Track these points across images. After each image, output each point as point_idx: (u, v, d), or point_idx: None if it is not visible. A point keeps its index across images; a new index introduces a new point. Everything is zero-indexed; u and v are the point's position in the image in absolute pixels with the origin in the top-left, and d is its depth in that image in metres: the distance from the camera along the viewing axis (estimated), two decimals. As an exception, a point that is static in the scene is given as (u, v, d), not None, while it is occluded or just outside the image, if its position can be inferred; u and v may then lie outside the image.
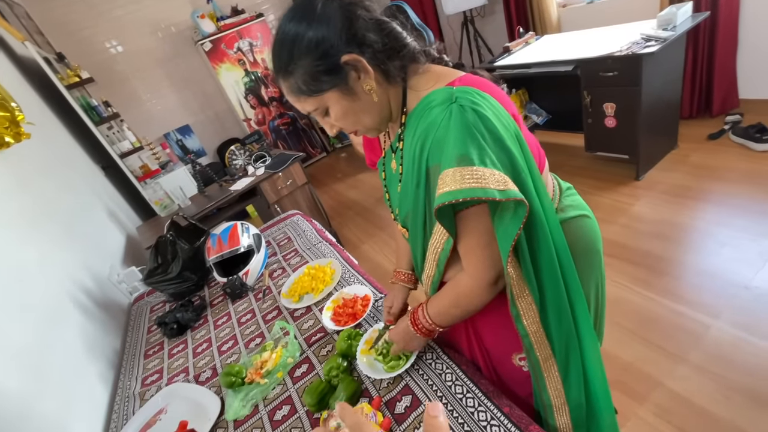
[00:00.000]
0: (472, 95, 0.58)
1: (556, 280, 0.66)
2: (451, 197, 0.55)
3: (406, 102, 0.67)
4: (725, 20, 2.29)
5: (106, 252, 1.97)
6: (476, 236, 0.63)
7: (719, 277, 1.57)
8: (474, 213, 0.61)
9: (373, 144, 0.87)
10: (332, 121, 0.66)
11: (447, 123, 0.57)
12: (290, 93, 0.64)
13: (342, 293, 1.19)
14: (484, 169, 0.55)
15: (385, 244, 2.65)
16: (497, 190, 0.55)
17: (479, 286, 0.67)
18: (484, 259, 0.64)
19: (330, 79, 0.60)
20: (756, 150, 2.14)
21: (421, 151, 0.62)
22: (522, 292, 0.66)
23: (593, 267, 0.78)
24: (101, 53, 3.80)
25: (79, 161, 2.40)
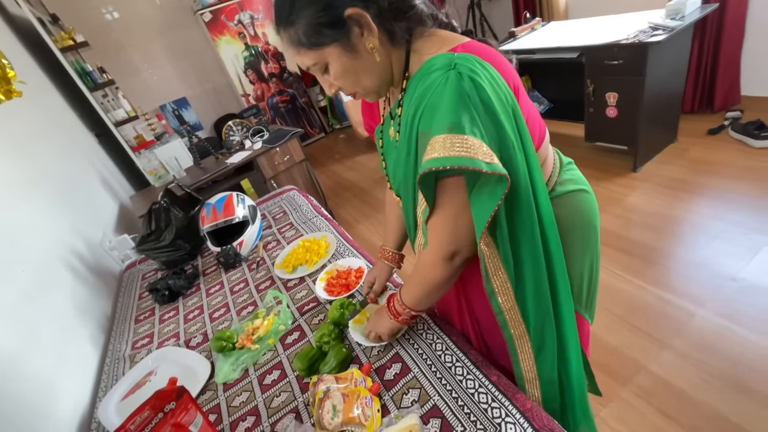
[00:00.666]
0: (472, 63, 0.57)
1: (537, 257, 0.66)
2: (438, 163, 0.55)
3: (408, 66, 0.65)
4: (733, 14, 2.27)
5: (99, 219, 1.95)
6: (446, 207, 0.63)
7: (708, 269, 1.59)
8: (451, 183, 0.61)
9: (372, 110, 0.86)
10: (331, 79, 0.64)
11: (442, 90, 0.56)
12: (290, 45, 0.62)
13: (336, 265, 1.19)
14: (474, 139, 0.55)
15: (380, 224, 2.65)
16: (484, 162, 0.54)
17: (434, 260, 0.67)
18: (446, 232, 0.65)
19: (332, 33, 0.58)
20: (754, 146, 2.14)
21: (413, 115, 0.61)
22: (497, 269, 0.66)
23: (589, 242, 0.78)
24: (96, 18, 3.69)
25: (72, 126, 2.36)
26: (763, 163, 2.03)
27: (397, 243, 0.98)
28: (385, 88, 0.69)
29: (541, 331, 0.72)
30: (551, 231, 0.67)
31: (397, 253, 0.98)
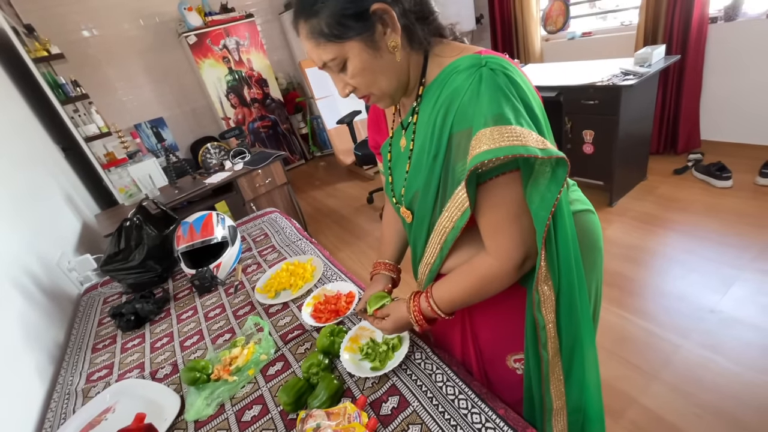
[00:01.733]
0: (502, 61, 0.57)
1: (570, 270, 0.63)
2: (491, 155, 0.52)
3: (425, 73, 0.65)
4: (692, 66, 2.49)
5: (59, 237, 1.79)
6: (506, 207, 0.59)
7: (687, 300, 1.63)
8: (505, 181, 0.58)
9: (379, 124, 0.83)
10: (348, 77, 0.62)
11: (477, 87, 0.55)
12: (310, 36, 0.59)
13: (324, 290, 1.12)
14: (522, 129, 0.53)
15: (362, 253, 2.59)
16: (538, 148, 0.52)
17: (507, 269, 0.61)
18: (514, 234, 0.60)
19: (356, 26, 0.56)
20: (716, 186, 2.29)
21: (444, 118, 0.59)
22: (547, 276, 0.62)
23: (595, 265, 0.77)
24: (74, 33, 3.60)
25: (37, 139, 2.21)
26: (726, 202, 2.16)
27: (395, 256, 0.91)
28: (399, 94, 0.66)
29: (571, 352, 0.68)
30: (575, 245, 0.65)
31: (395, 265, 0.91)
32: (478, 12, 3.62)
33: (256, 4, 4.40)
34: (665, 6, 2.44)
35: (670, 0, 2.41)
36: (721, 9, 2.38)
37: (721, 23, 2.38)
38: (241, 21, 3.99)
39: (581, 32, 3.09)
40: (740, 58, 2.37)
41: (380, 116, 0.83)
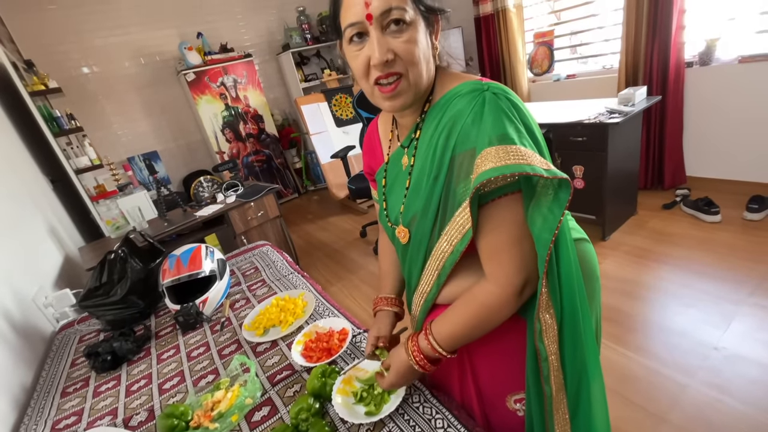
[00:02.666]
0: (503, 87, 0.59)
1: (573, 298, 0.61)
2: (497, 173, 0.51)
3: (432, 91, 0.66)
4: (672, 106, 2.60)
5: (37, 271, 1.71)
6: (507, 230, 0.58)
7: (689, 337, 1.59)
8: (507, 202, 0.57)
9: (374, 149, 0.83)
10: (401, 40, 0.57)
11: (480, 109, 0.56)
12: None
13: (315, 326, 1.07)
14: (526, 149, 0.53)
15: (355, 287, 2.52)
16: (542, 168, 0.52)
17: (507, 295, 0.59)
18: (513, 259, 0.58)
19: (425, 9, 0.60)
20: (706, 221, 2.32)
21: (447, 140, 0.59)
22: (548, 303, 0.59)
23: (594, 295, 0.74)
24: (74, 70, 3.67)
25: (25, 169, 2.18)
26: (716, 236, 2.18)
27: (396, 289, 0.87)
28: (417, 97, 0.63)
29: (577, 387, 0.64)
30: (577, 272, 0.62)
31: (397, 298, 0.87)
32: (468, 55, 3.80)
33: (255, 45, 4.57)
34: (643, 51, 2.59)
35: (648, 46, 2.56)
36: (695, 54, 2.53)
37: (696, 67, 2.52)
38: (239, 60, 4.12)
39: (566, 74, 3.24)
40: (717, 100, 2.49)
41: (375, 142, 0.83)
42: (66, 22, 3.55)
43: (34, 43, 3.42)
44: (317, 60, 4.88)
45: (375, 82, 0.60)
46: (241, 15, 4.42)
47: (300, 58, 4.72)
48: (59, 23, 3.53)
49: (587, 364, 0.64)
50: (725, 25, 2.42)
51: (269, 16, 4.58)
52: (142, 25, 3.89)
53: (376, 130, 0.83)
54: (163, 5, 3.95)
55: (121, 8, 3.77)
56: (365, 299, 2.36)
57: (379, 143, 0.81)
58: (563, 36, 3.28)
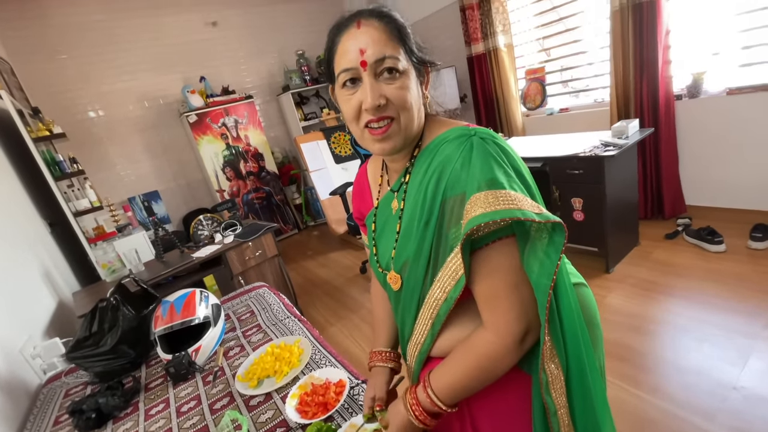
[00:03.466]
0: (490, 131, 0.59)
1: (578, 346, 0.57)
2: (487, 218, 0.51)
3: (422, 137, 0.67)
4: (666, 138, 2.64)
5: (28, 319, 1.66)
6: (503, 275, 0.56)
7: (705, 376, 1.51)
8: (501, 246, 0.56)
9: (364, 193, 0.82)
10: (393, 87, 0.58)
11: (468, 154, 0.57)
12: (385, 30, 0.59)
13: (311, 377, 1.02)
14: (516, 193, 0.53)
15: (355, 327, 2.45)
16: (534, 212, 0.51)
17: (507, 344, 0.56)
18: (514, 304, 0.55)
19: (417, 59, 0.62)
20: (710, 251, 2.28)
21: (437, 184, 0.59)
22: (552, 353, 0.56)
23: (596, 342, 0.71)
24: (80, 114, 3.78)
25: (23, 214, 2.18)
26: (723, 266, 2.13)
27: (392, 341, 0.84)
28: (407, 142, 0.64)
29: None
30: (579, 318, 0.60)
31: (393, 352, 0.83)
32: (462, 92, 3.92)
33: (256, 86, 4.74)
34: (632, 85, 2.66)
35: (636, 80, 2.63)
36: (683, 88, 2.59)
37: (686, 100, 2.58)
38: (240, 102, 4.25)
39: (559, 108, 3.32)
40: (710, 131, 2.53)
41: (365, 187, 0.82)
42: (75, 69, 3.70)
43: (43, 91, 3.55)
44: (316, 99, 5.03)
45: (366, 125, 0.61)
46: (244, 59, 4.60)
47: (300, 98, 4.87)
48: (69, 71, 3.68)
49: (599, 417, 0.60)
50: (710, 59, 2.50)
51: (270, 59, 4.77)
52: (148, 71, 4.05)
53: (365, 174, 0.83)
54: (169, 52, 4.13)
55: (130, 55, 3.94)
56: (365, 340, 2.28)
57: (368, 187, 0.81)
58: (554, 72, 3.39)
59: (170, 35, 4.12)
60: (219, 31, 4.38)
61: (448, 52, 4.03)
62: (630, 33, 2.55)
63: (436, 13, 3.98)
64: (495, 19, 3.30)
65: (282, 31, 4.77)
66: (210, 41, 4.35)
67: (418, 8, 4.14)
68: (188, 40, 4.22)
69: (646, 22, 2.46)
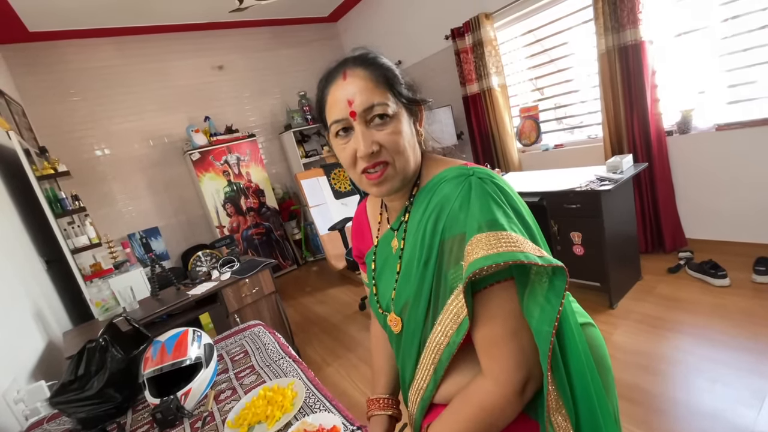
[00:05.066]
0: (488, 171, 0.59)
1: (589, 394, 0.54)
2: (490, 261, 0.49)
3: (420, 176, 0.67)
4: (660, 172, 2.67)
5: (14, 361, 1.61)
6: (502, 320, 0.54)
7: (721, 419, 1.43)
8: (500, 290, 0.54)
9: (363, 232, 0.81)
10: (385, 132, 0.59)
11: (467, 194, 0.56)
12: (370, 79, 0.59)
13: (304, 423, 0.96)
14: (516, 235, 0.52)
15: (353, 368, 2.36)
16: (536, 255, 0.50)
17: (506, 394, 0.53)
18: (514, 352, 0.53)
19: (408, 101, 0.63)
20: (714, 285, 2.24)
21: (435, 225, 0.58)
22: (559, 403, 0.53)
23: (608, 386, 0.67)
24: (87, 153, 3.87)
25: (20, 251, 2.17)
26: (728, 301, 2.09)
27: (391, 387, 0.80)
28: (405, 183, 0.65)
29: None
30: (590, 364, 0.57)
31: (392, 398, 0.79)
32: (459, 129, 4.03)
33: (259, 125, 4.88)
34: (624, 122, 2.73)
35: (627, 117, 2.71)
36: (674, 124, 2.67)
37: (677, 136, 2.64)
38: (243, 140, 4.36)
39: (554, 144, 3.39)
40: (703, 165, 2.57)
41: (364, 225, 0.82)
42: (86, 110, 3.85)
43: (52, 131, 3.66)
44: (317, 137, 5.17)
45: (362, 171, 0.61)
46: (248, 99, 4.78)
47: (301, 136, 5.00)
48: (80, 112, 3.82)
49: None
50: (697, 97, 2.58)
51: (273, 99, 4.96)
52: (155, 111, 4.19)
53: (364, 212, 0.83)
54: (176, 93, 4.30)
55: (139, 97, 4.10)
56: (363, 380, 2.19)
57: (368, 226, 0.81)
58: (548, 110, 3.50)
59: (178, 78, 4.31)
60: (225, 74, 4.59)
61: (444, 91, 4.19)
62: (618, 73, 2.66)
63: (433, 56, 4.18)
64: (488, 62, 3.46)
65: (285, 73, 4.99)
66: (216, 83, 4.54)
67: (415, 52, 4.35)
68: (195, 83, 4.41)
69: (632, 63, 2.58)
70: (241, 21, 4.47)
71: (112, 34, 3.89)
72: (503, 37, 3.55)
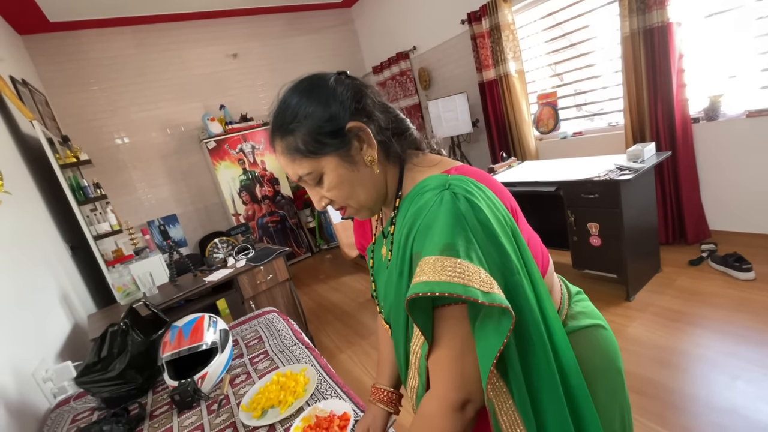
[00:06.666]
0: (467, 184, 0.55)
1: (561, 410, 0.53)
2: (426, 288, 0.48)
3: (402, 185, 0.64)
4: (684, 161, 2.57)
5: (42, 342, 1.69)
6: (448, 343, 0.53)
7: (740, 416, 1.40)
8: (451, 314, 0.53)
9: (364, 228, 0.81)
10: (324, 191, 0.60)
11: (437, 209, 0.53)
12: (285, 153, 0.59)
13: (315, 409, 0.98)
14: (470, 264, 0.49)
15: (366, 355, 2.39)
16: (480, 291, 0.47)
17: (442, 410, 0.54)
18: (452, 374, 0.53)
19: (333, 143, 0.57)
20: (738, 278, 2.17)
21: (407, 236, 0.56)
22: (513, 424, 0.53)
23: (615, 390, 0.66)
24: (107, 142, 3.97)
25: (46, 237, 2.26)
26: (754, 295, 2.02)
27: (393, 379, 0.82)
28: (378, 205, 0.65)
29: None
30: (573, 373, 0.56)
31: (394, 392, 0.81)
32: (474, 117, 3.95)
33: (273, 114, 4.89)
34: (647, 109, 2.63)
35: (651, 104, 2.60)
36: (701, 111, 2.55)
37: (704, 123, 2.53)
38: (258, 128, 4.38)
39: (572, 132, 3.30)
40: (731, 154, 2.46)
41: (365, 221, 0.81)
42: (105, 99, 3.93)
43: (74, 120, 3.76)
44: (331, 125, 5.15)
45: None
46: (262, 87, 4.79)
47: (315, 125, 4.99)
48: (99, 101, 3.90)
49: None
50: (727, 82, 2.46)
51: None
52: (171, 100, 4.25)
53: None
54: (191, 82, 4.34)
55: (155, 85, 4.16)
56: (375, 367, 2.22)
57: (369, 221, 0.80)
58: (568, 96, 3.39)
59: (193, 67, 4.34)
60: (239, 62, 4.60)
61: (460, 78, 4.10)
62: (642, 58, 2.55)
63: (448, 42, 4.08)
64: (506, 47, 3.36)
65: (298, 61, 4.97)
66: (230, 71, 4.56)
67: (430, 37, 4.25)
68: (210, 71, 4.43)
69: (658, 46, 2.46)
70: (255, 8, 4.45)
71: (129, 23, 3.93)
72: (521, 21, 3.43)
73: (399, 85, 4.86)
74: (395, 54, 4.68)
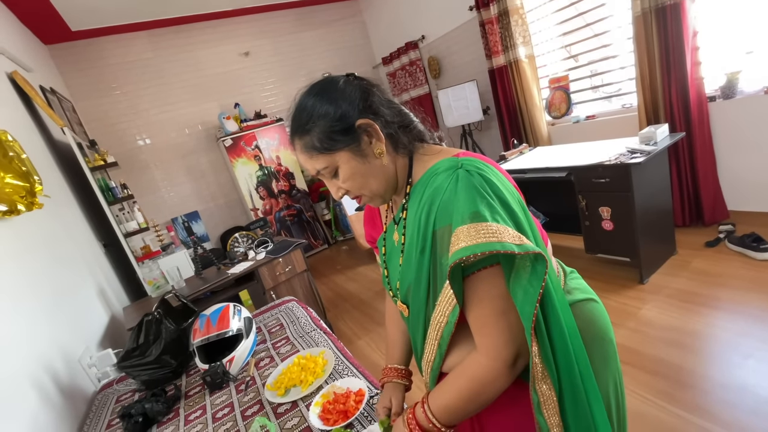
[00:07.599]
0: (478, 163, 0.62)
1: (571, 365, 0.59)
2: (468, 252, 0.54)
3: (411, 173, 0.70)
4: (700, 141, 2.52)
5: (85, 332, 1.84)
6: (490, 302, 0.59)
7: (750, 393, 1.42)
8: (487, 275, 0.59)
9: (374, 221, 0.88)
10: (340, 182, 0.68)
11: (454, 186, 0.60)
12: (303, 150, 0.67)
13: (333, 387, 1.07)
14: (498, 225, 0.55)
15: (382, 340, 2.49)
16: (514, 244, 0.54)
17: (497, 367, 0.58)
18: (503, 330, 0.58)
19: (344, 139, 0.64)
20: (756, 259, 2.14)
21: (428, 215, 0.63)
22: (544, 374, 0.58)
23: (608, 358, 0.71)
24: (131, 143, 4.15)
25: (82, 237, 2.42)
26: (771, 276, 2.00)
27: (404, 359, 0.89)
28: (390, 193, 0.72)
29: None
30: (574, 336, 0.62)
31: (405, 369, 0.88)
32: (485, 104, 3.94)
33: (286, 110, 4.97)
34: (660, 89, 2.58)
35: (664, 84, 2.55)
36: (717, 89, 2.49)
37: (720, 101, 2.47)
38: (272, 125, 4.49)
39: (585, 116, 3.26)
40: (749, 132, 2.40)
41: (375, 212, 0.88)
42: (127, 103, 4.10)
43: (98, 124, 3.94)
44: (343, 118, 5.20)
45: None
46: (274, 84, 4.88)
47: (327, 118, 5.06)
48: (121, 105, 4.07)
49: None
50: (744, 58, 2.39)
51: (299, 83, 4.98)
52: (188, 101, 4.39)
53: None
54: (206, 82, 4.46)
55: (173, 87, 4.30)
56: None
57: (378, 213, 0.87)
58: (582, 79, 3.33)
59: (207, 67, 4.46)
60: (251, 60, 4.69)
61: (469, 66, 4.08)
62: (654, 37, 2.49)
63: (456, 29, 4.06)
64: (515, 32, 3.33)
65: (308, 55, 5.02)
66: (243, 70, 4.66)
67: (438, 25, 4.23)
68: (223, 71, 4.54)
69: (670, 24, 2.40)
70: (264, 6, 4.51)
71: (144, 28, 4.07)
72: (530, 4, 3.38)
73: (409, 75, 4.87)
74: (404, 44, 4.68)
